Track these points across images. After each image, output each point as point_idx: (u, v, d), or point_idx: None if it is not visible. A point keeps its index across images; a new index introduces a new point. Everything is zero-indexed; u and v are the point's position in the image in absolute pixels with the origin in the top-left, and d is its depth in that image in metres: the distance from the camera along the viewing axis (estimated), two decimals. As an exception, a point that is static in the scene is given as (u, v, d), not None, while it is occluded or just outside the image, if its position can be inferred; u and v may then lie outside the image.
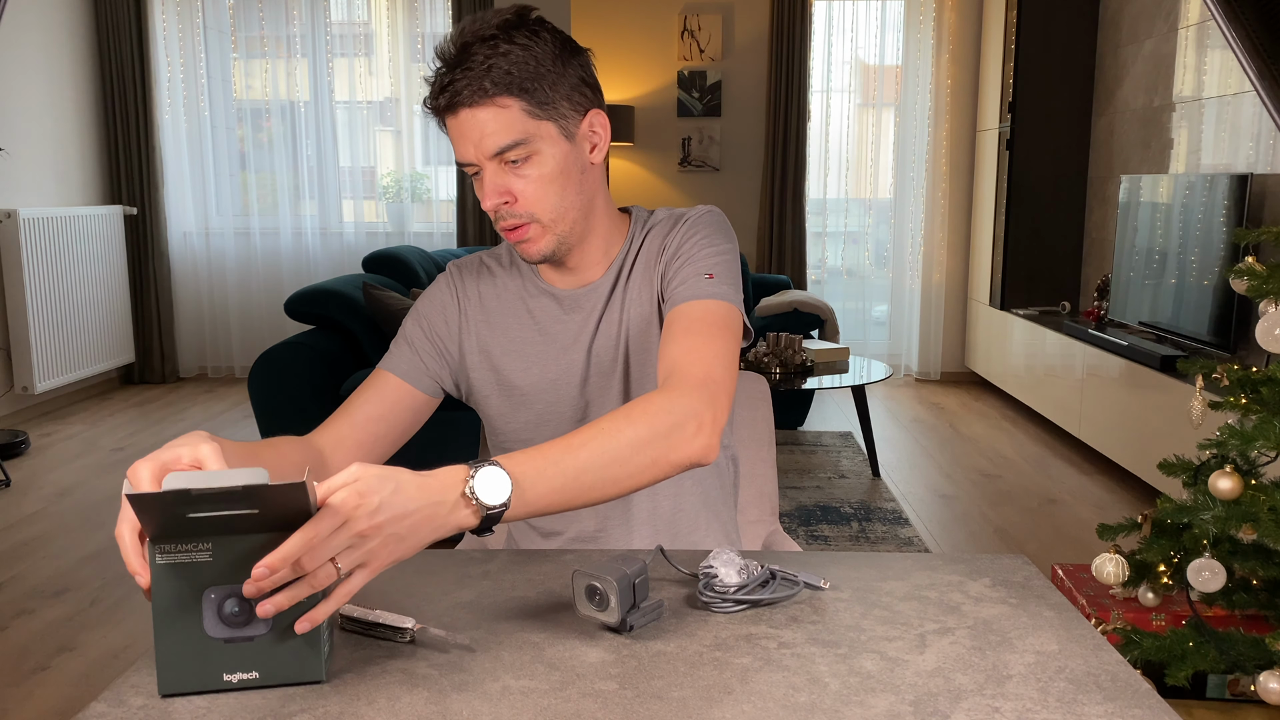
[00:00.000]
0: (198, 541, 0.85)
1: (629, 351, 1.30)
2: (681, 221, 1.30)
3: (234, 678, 0.87)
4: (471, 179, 1.24)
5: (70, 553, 3.16)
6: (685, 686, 0.89)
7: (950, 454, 4.32)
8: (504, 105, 1.16)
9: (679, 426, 1.05)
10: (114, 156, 5.64)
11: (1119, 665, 0.93)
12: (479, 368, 1.33)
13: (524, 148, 1.18)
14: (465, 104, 1.16)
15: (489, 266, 1.37)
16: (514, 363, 1.32)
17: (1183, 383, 3.39)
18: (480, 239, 5.64)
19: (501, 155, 1.17)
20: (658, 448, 1.03)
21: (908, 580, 1.13)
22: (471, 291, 1.35)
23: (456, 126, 1.18)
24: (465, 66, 1.15)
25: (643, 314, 1.30)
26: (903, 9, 5.74)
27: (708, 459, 1.07)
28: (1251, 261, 2.14)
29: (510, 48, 1.16)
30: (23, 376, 4.78)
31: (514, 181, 1.19)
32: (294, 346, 3.03)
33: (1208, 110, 3.88)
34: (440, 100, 1.17)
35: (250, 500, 0.81)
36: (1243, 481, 2.05)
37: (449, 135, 1.21)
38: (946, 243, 5.91)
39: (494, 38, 1.16)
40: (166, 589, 0.85)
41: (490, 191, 1.19)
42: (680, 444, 1.04)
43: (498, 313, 1.33)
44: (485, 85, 1.15)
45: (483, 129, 1.16)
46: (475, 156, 1.18)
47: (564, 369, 1.31)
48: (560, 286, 1.32)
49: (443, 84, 1.16)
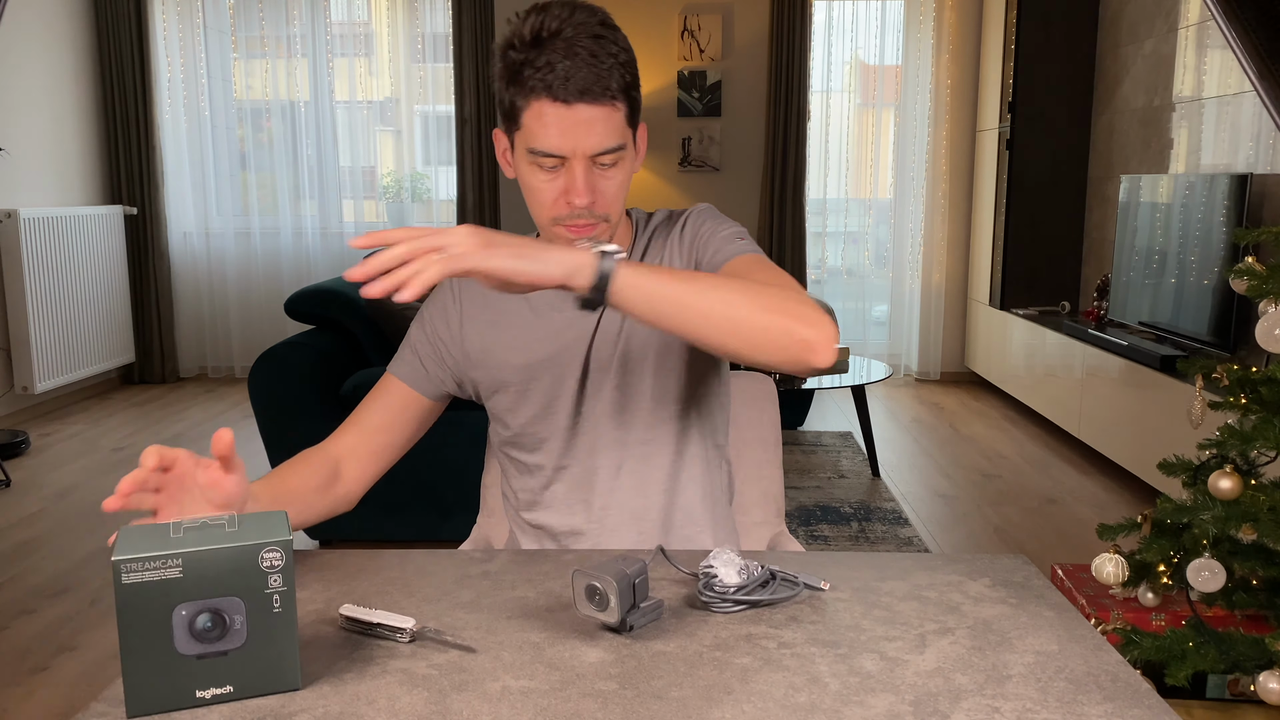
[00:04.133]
0: (167, 559, 0.84)
1: (627, 349, 1.30)
2: (682, 218, 1.33)
3: (207, 694, 0.86)
4: (537, 166, 1.17)
5: (70, 553, 3.16)
6: (685, 686, 0.89)
7: (950, 454, 4.32)
8: (617, 108, 1.16)
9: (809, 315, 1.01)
10: (114, 156, 5.64)
11: (1119, 665, 0.93)
12: (483, 364, 1.33)
13: (620, 152, 1.18)
14: (587, 98, 1.13)
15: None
16: (516, 357, 1.32)
17: (1183, 383, 3.39)
18: (480, 239, 5.64)
19: (599, 156, 1.16)
20: (788, 317, 1.00)
21: (908, 580, 1.13)
22: (472, 288, 1.35)
23: (563, 116, 1.14)
24: (592, 59, 1.12)
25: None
26: (903, 9, 5.74)
27: (827, 359, 1.02)
28: (1251, 261, 2.14)
29: (621, 51, 1.15)
30: (23, 376, 4.78)
31: (600, 181, 1.18)
32: (294, 346, 3.03)
33: (1208, 110, 3.88)
34: (555, 87, 1.12)
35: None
36: (1242, 481, 2.05)
37: (524, 117, 1.16)
38: (946, 243, 5.91)
39: (605, 37, 1.14)
40: (134, 608, 0.83)
41: (584, 189, 1.16)
42: (809, 326, 1.00)
43: (500, 311, 1.34)
44: (610, 84, 1.14)
45: (593, 127, 1.14)
46: (571, 149, 1.15)
47: (565, 360, 1.31)
48: None
49: (564, 73, 1.12)
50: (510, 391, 1.33)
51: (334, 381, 3.04)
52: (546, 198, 1.19)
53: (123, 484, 0.96)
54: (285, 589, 0.87)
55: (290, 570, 0.87)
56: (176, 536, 0.85)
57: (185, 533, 0.86)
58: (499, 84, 1.19)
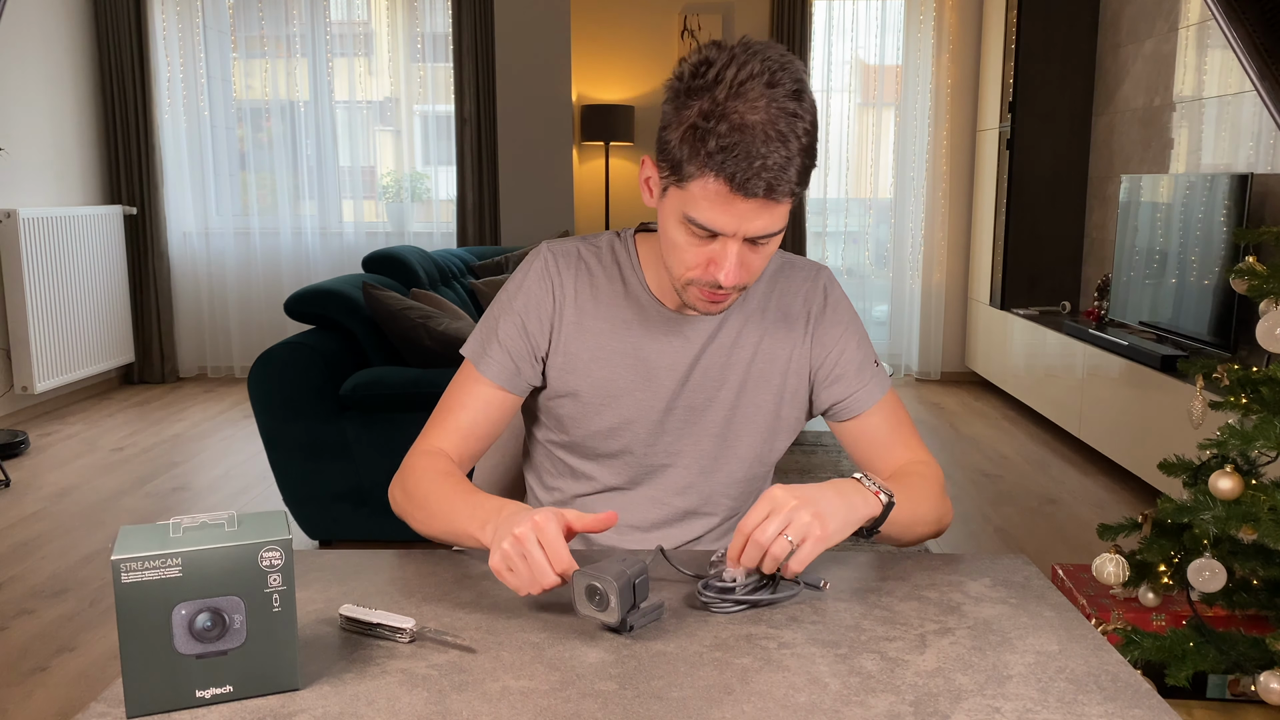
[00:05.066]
0: (167, 558, 0.83)
1: (736, 388, 1.28)
2: (821, 291, 1.32)
3: (206, 694, 0.85)
4: (690, 230, 1.11)
5: (70, 553, 3.15)
6: (685, 686, 0.88)
7: (950, 454, 4.32)
8: (792, 197, 1.09)
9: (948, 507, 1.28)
10: (114, 156, 5.64)
11: (1119, 665, 0.93)
12: (561, 369, 1.27)
13: (780, 232, 1.13)
14: (767, 195, 1.06)
15: (588, 265, 1.29)
16: (600, 371, 1.26)
17: (1183, 383, 3.39)
18: (480, 239, 5.64)
19: (758, 239, 1.11)
20: (945, 518, 1.27)
21: (908, 580, 1.13)
22: (569, 288, 1.27)
23: (736, 205, 1.07)
24: (781, 144, 1.04)
25: (770, 367, 1.29)
26: (903, 9, 5.73)
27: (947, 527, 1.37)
28: (1252, 261, 2.14)
29: (807, 129, 1.07)
30: (23, 376, 4.78)
31: (751, 257, 1.14)
32: (294, 346, 3.03)
33: (1208, 110, 3.88)
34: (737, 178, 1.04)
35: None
36: (1243, 481, 2.05)
37: (691, 185, 1.08)
38: (946, 243, 5.91)
39: (799, 115, 1.06)
40: (133, 608, 0.83)
41: (736, 271, 1.11)
42: (946, 515, 1.28)
43: (593, 318, 1.27)
44: (791, 178, 1.06)
45: (760, 216, 1.08)
46: (733, 232, 1.09)
47: (654, 390, 1.27)
48: (669, 305, 1.27)
49: (747, 162, 1.04)
50: (584, 404, 1.27)
51: (334, 381, 3.04)
52: (690, 259, 1.13)
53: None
54: (285, 588, 0.87)
55: (290, 570, 0.86)
56: (176, 536, 0.85)
57: (185, 532, 0.86)
58: (676, 128, 1.09)
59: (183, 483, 3.87)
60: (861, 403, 1.30)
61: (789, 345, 1.30)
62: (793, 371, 1.30)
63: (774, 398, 1.30)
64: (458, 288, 4.34)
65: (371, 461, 3.03)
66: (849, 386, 1.30)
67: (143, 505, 3.60)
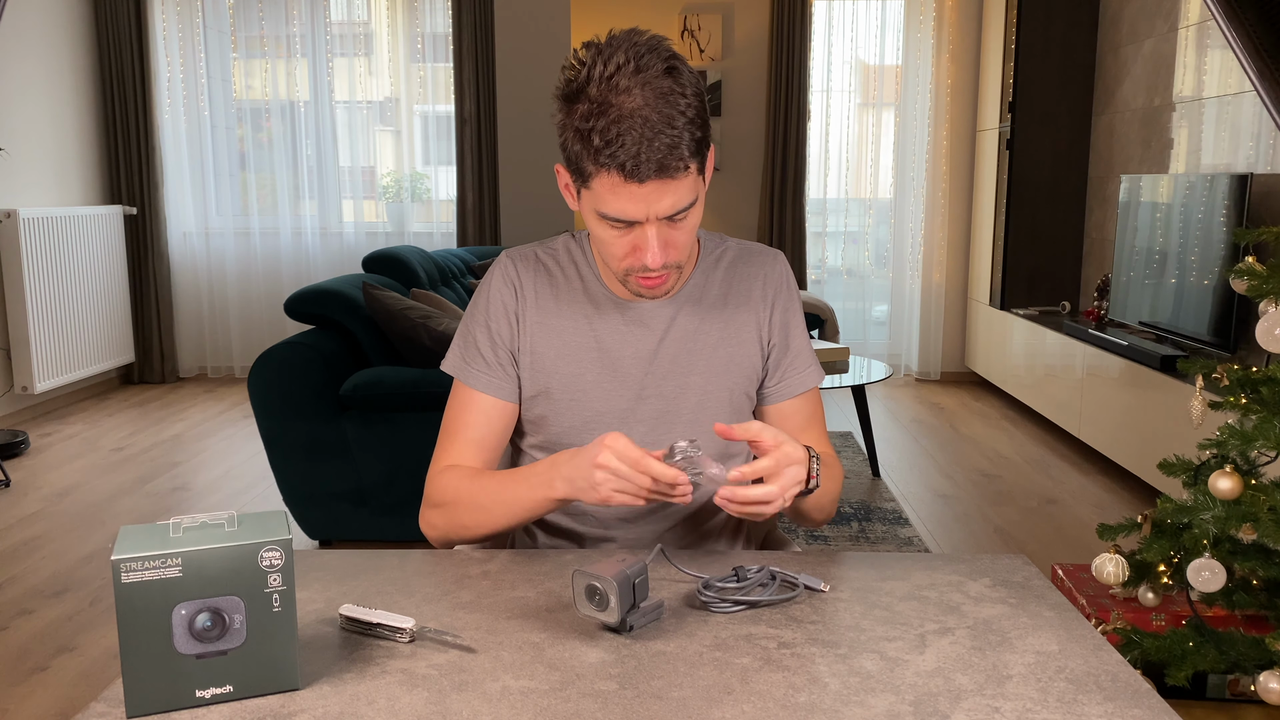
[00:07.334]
0: (167, 558, 0.84)
1: (706, 373, 1.30)
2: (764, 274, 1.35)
3: (206, 693, 0.86)
4: (607, 224, 1.16)
5: (70, 553, 3.16)
6: (685, 686, 0.89)
7: (950, 454, 4.32)
8: (690, 170, 1.12)
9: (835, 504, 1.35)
10: (114, 156, 5.64)
11: (1119, 665, 0.93)
12: (529, 368, 1.30)
13: (693, 205, 1.15)
14: (660, 174, 1.09)
15: (546, 266, 1.32)
16: (568, 367, 1.29)
17: (1183, 383, 3.39)
18: (480, 239, 5.64)
19: (673, 216, 1.13)
20: (830, 514, 1.34)
21: (908, 580, 1.13)
22: (529, 290, 1.31)
23: (635, 191, 1.10)
24: (665, 124, 1.07)
25: (738, 350, 1.32)
26: (903, 9, 5.73)
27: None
28: (1252, 261, 2.14)
29: (691, 101, 1.10)
30: (23, 376, 4.78)
31: (672, 235, 1.16)
32: (294, 346, 3.03)
33: (1208, 110, 3.88)
34: (627, 166, 1.07)
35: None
36: (1243, 481, 2.05)
37: (593, 183, 1.12)
38: (946, 243, 5.91)
39: (675, 90, 1.08)
40: (134, 608, 0.83)
41: (658, 251, 1.14)
42: (833, 511, 1.35)
43: (555, 316, 1.30)
44: (683, 153, 1.09)
45: (664, 195, 1.11)
46: (643, 216, 1.12)
47: (621, 381, 1.29)
48: (625, 297, 1.30)
49: (635, 149, 1.07)
50: (554, 401, 1.30)
51: (334, 381, 3.04)
52: (618, 250, 1.17)
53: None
54: (285, 588, 0.87)
55: (290, 569, 0.87)
56: (176, 536, 0.85)
57: (185, 532, 0.86)
58: (566, 133, 1.13)
59: (183, 483, 3.87)
60: (797, 386, 1.36)
61: (754, 326, 1.34)
62: (758, 351, 1.35)
63: (744, 379, 1.33)
64: (458, 288, 4.34)
65: (371, 462, 3.03)
66: (792, 368, 1.36)
67: (143, 505, 3.60)
